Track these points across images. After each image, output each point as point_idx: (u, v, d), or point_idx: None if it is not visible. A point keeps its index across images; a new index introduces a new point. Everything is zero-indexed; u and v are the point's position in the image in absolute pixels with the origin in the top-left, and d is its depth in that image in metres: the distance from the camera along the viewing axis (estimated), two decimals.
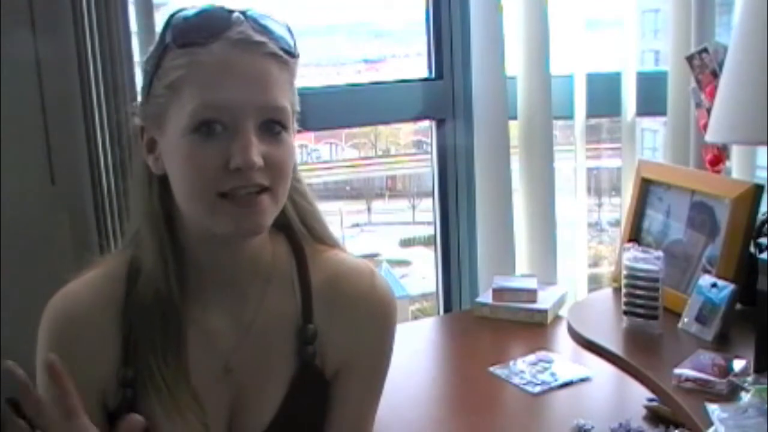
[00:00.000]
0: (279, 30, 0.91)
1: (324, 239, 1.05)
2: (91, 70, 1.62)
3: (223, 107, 0.86)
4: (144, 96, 0.93)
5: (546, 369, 1.65)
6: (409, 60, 2.37)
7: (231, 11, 0.90)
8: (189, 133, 0.87)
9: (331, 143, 2.92)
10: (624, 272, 1.56)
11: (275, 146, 0.89)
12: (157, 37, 0.92)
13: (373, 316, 1.02)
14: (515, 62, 2.04)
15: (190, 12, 0.90)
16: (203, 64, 0.87)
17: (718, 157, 1.82)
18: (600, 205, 2.80)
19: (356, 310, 1.01)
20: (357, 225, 3.10)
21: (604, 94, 2.12)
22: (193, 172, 0.88)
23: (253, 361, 0.99)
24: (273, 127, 0.89)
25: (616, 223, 2.45)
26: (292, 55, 0.92)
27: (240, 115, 0.86)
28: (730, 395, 1.27)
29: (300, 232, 1.03)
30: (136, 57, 1.68)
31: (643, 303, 1.53)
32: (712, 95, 1.65)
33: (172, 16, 0.90)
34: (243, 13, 0.90)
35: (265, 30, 0.89)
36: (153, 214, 0.94)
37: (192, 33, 0.88)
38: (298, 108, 0.96)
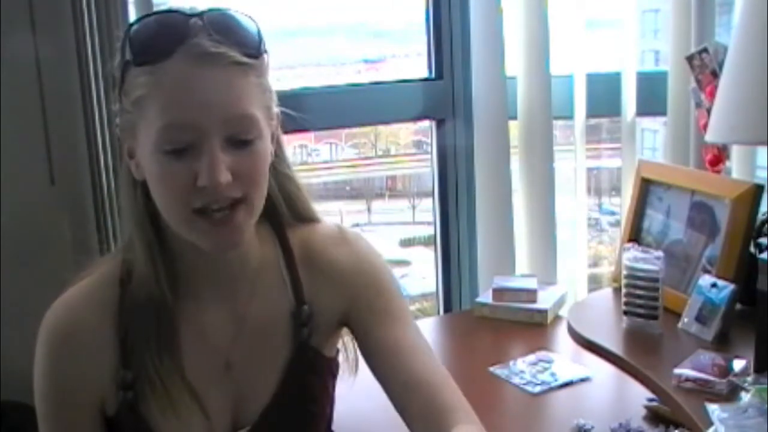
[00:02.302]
0: (240, 33, 0.88)
1: (302, 215, 1.05)
2: (91, 69, 1.62)
3: (186, 127, 0.85)
4: (116, 105, 0.93)
5: (546, 369, 1.65)
6: (409, 60, 2.37)
7: (189, 16, 0.87)
8: (157, 151, 0.86)
9: (331, 143, 2.91)
10: (624, 272, 1.56)
11: (245, 156, 0.88)
12: (118, 49, 0.90)
13: (355, 271, 1.03)
14: (515, 62, 2.04)
15: (147, 22, 0.88)
16: (162, 83, 0.85)
17: (718, 157, 1.82)
18: (600, 205, 2.79)
19: (340, 276, 1.02)
20: (357, 225, 3.10)
21: (604, 94, 2.12)
22: (165, 190, 0.88)
23: (251, 353, 1.00)
24: (241, 135, 0.87)
25: (616, 223, 2.45)
26: (257, 56, 0.89)
27: (204, 132, 0.85)
28: (730, 395, 1.27)
29: (284, 215, 1.03)
30: None
31: (643, 303, 1.53)
32: (712, 95, 1.65)
33: (130, 27, 0.89)
34: (201, 16, 0.87)
35: (223, 37, 0.86)
36: (140, 216, 0.94)
37: (148, 50, 0.86)
38: (274, 102, 0.95)
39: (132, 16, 1.68)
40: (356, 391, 1.12)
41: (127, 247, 0.98)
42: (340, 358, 1.09)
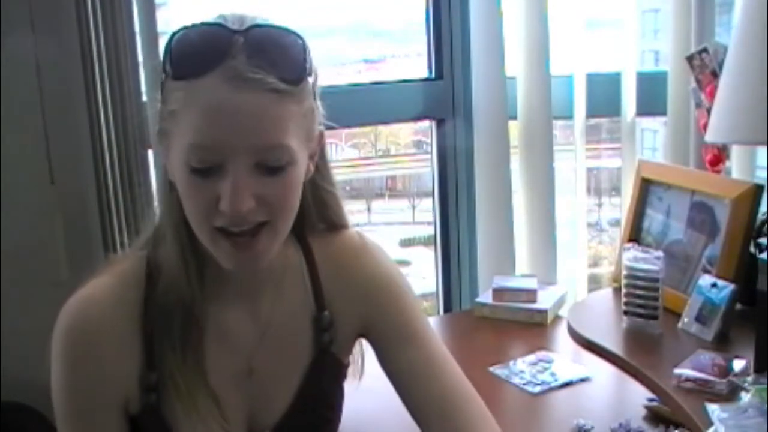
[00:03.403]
0: (282, 57, 0.85)
1: (332, 223, 1.06)
2: (96, 69, 1.62)
3: (213, 149, 0.83)
4: (158, 107, 0.91)
5: (546, 369, 1.65)
6: (409, 60, 2.37)
7: (233, 32, 0.84)
8: (185, 166, 0.85)
9: (331, 143, 2.90)
10: (624, 272, 1.56)
11: (273, 183, 0.86)
12: (162, 55, 0.88)
13: (375, 282, 1.04)
14: (515, 62, 2.04)
15: (190, 34, 0.86)
16: (195, 101, 0.83)
17: (718, 157, 1.82)
18: (600, 205, 2.79)
19: (360, 287, 1.03)
20: (357, 225, 3.09)
21: (604, 94, 2.12)
22: (189, 205, 0.88)
23: (273, 358, 1.00)
24: (270, 163, 0.85)
25: (616, 223, 2.45)
26: (297, 82, 0.86)
27: (231, 156, 0.83)
28: (730, 395, 1.27)
29: (310, 222, 1.03)
30: (140, 56, 1.68)
31: (643, 303, 1.53)
32: (712, 95, 1.65)
33: (172, 36, 0.87)
34: (245, 34, 0.84)
35: (263, 61, 0.83)
36: (174, 216, 0.93)
37: (185, 65, 0.84)
38: (317, 122, 0.93)
39: (136, 15, 1.68)
40: (358, 390, 1.12)
41: (153, 244, 0.96)
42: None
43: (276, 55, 0.84)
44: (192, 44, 0.85)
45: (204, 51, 0.84)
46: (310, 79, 0.89)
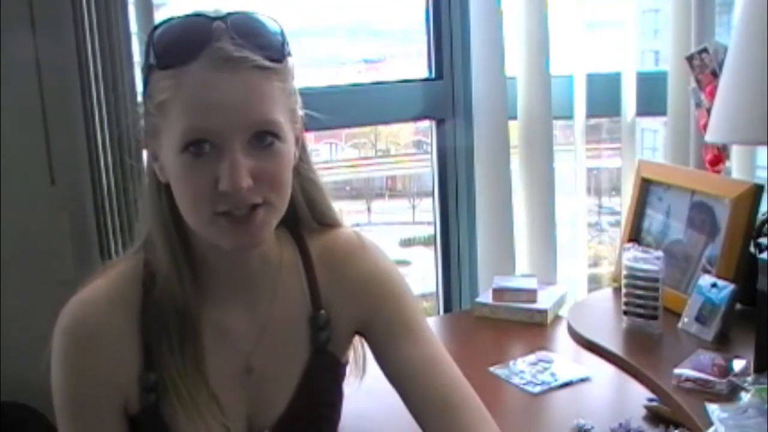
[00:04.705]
0: (263, 37, 0.88)
1: (324, 220, 1.06)
2: (91, 70, 1.62)
3: (207, 130, 0.85)
4: (143, 108, 0.93)
5: (546, 369, 1.65)
6: (409, 60, 2.37)
7: (213, 19, 0.87)
8: (179, 153, 0.86)
9: (331, 143, 2.91)
10: (624, 272, 1.56)
11: (267, 159, 0.87)
12: (143, 51, 0.90)
13: (373, 281, 1.04)
14: (515, 62, 2.04)
15: (171, 26, 0.89)
16: (185, 87, 0.85)
17: (718, 157, 1.82)
18: (600, 206, 2.79)
19: (357, 286, 1.03)
20: (357, 225, 3.10)
21: (604, 94, 2.12)
22: (187, 191, 0.88)
23: (271, 357, 1.00)
24: (264, 139, 0.87)
25: (616, 223, 2.45)
26: (280, 60, 0.89)
27: (225, 136, 0.85)
28: (730, 395, 1.27)
29: (304, 218, 1.04)
30: (136, 57, 1.68)
31: (643, 303, 1.53)
32: (712, 95, 1.65)
33: (154, 30, 0.89)
34: (225, 20, 0.87)
35: (246, 41, 0.86)
36: (163, 219, 0.94)
37: (171, 54, 0.86)
38: (298, 104, 0.94)
39: (132, 16, 1.68)
40: (358, 390, 1.12)
41: (147, 248, 0.97)
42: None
43: (257, 35, 0.88)
44: (175, 34, 0.88)
45: (189, 38, 0.86)
46: (290, 61, 0.91)
